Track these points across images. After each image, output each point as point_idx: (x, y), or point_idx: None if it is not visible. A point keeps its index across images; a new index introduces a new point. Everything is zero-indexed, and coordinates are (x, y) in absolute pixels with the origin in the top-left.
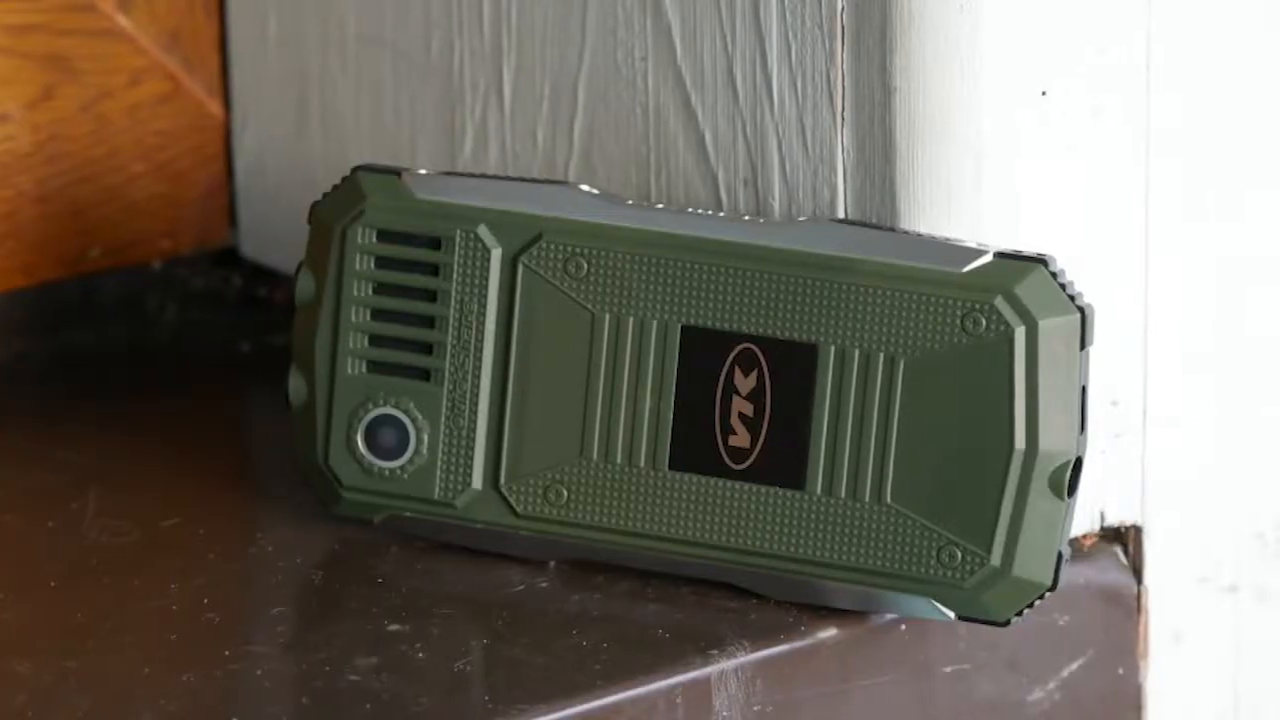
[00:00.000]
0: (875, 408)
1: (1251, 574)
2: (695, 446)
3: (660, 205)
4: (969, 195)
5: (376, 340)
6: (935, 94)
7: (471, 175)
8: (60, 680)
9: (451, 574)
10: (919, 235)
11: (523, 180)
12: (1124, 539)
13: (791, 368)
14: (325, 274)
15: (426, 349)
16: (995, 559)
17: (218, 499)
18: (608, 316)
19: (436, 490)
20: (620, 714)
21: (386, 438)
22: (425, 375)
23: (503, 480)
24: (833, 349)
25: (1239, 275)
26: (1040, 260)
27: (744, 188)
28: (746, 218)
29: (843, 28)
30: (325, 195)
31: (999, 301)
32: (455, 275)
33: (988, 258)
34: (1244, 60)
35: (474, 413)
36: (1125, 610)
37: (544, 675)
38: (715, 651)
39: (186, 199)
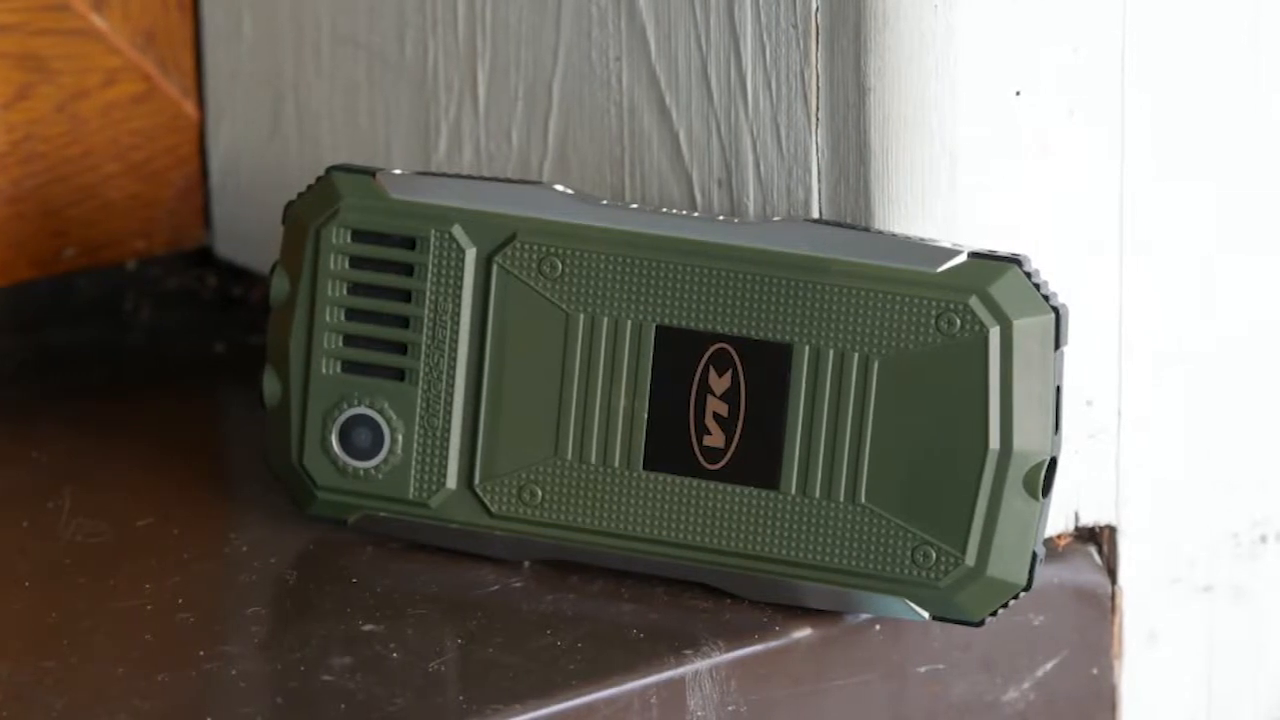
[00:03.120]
0: (850, 408)
1: (1226, 574)
2: (670, 446)
3: (635, 205)
4: (943, 195)
5: (351, 340)
6: (910, 94)
7: (446, 175)
8: (35, 680)
9: (426, 574)
10: (893, 235)
11: (497, 180)
12: (1098, 539)
13: (766, 368)
14: (300, 274)
15: (401, 349)
16: (970, 559)
17: (192, 499)
18: (582, 316)
19: (411, 490)
20: (594, 714)
21: (361, 438)
22: (400, 375)
23: (477, 480)
24: (807, 349)
25: (1214, 275)
26: (1014, 260)
27: (718, 187)
28: (721, 218)
29: (817, 27)
30: (300, 195)
31: (973, 301)
32: (430, 275)
33: (962, 258)
34: (1218, 60)
35: (448, 413)
36: (1100, 610)
37: (518, 675)
38: (690, 651)
39: (161, 199)
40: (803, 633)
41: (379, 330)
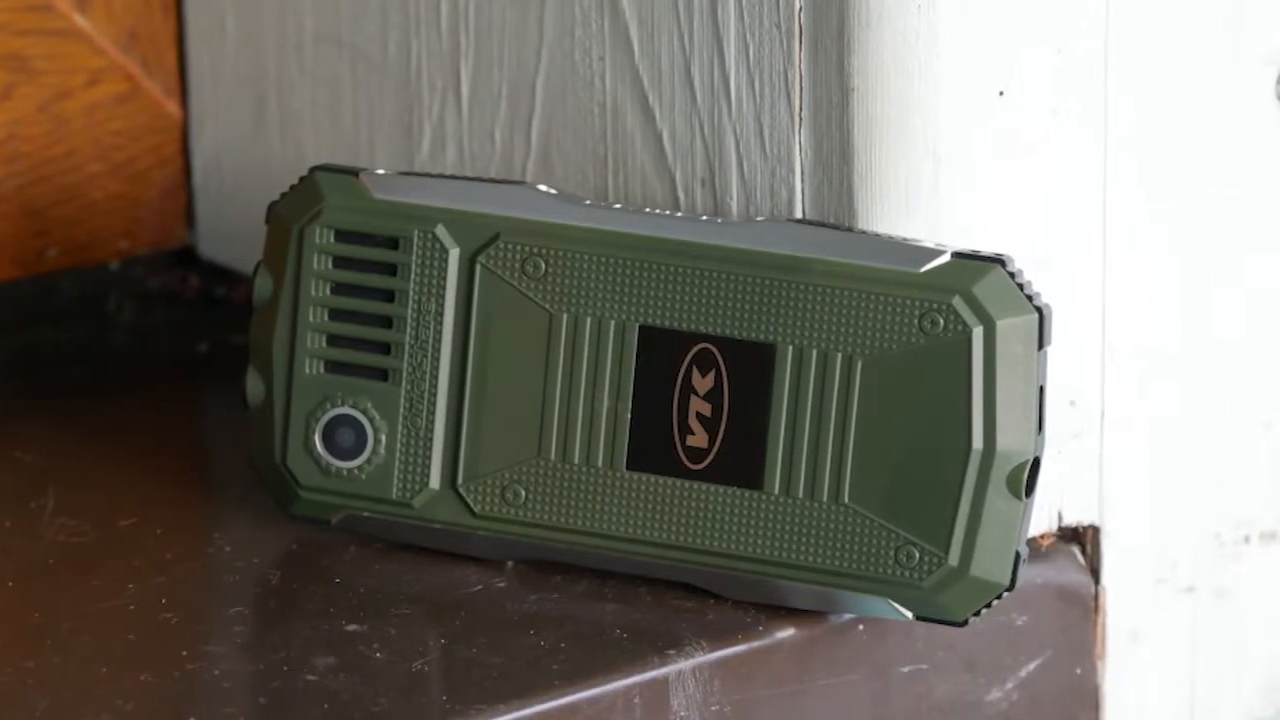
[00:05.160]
0: (833, 408)
1: (1209, 574)
2: (653, 447)
3: (618, 205)
4: (927, 195)
5: (334, 340)
6: (893, 94)
7: (429, 175)
8: (17, 680)
9: (409, 574)
10: (877, 235)
11: (480, 180)
12: (1082, 539)
13: (749, 368)
14: (283, 274)
15: (384, 349)
16: (953, 559)
17: (175, 499)
18: (565, 316)
19: (394, 490)
20: (578, 714)
21: (344, 438)
22: (383, 375)
23: (460, 480)
24: (790, 349)
25: (1197, 275)
26: (998, 260)
27: (701, 187)
28: (704, 217)
29: (800, 28)
30: (283, 195)
31: (957, 301)
32: (413, 275)
33: (945, 258)
34: (1201, 60)
35: (432, 413)
36: (1083, 610)
37: (502, 675)
38: (673, 651)
39: (144, 199)
40: (786, 633)
41: (362, 330)
